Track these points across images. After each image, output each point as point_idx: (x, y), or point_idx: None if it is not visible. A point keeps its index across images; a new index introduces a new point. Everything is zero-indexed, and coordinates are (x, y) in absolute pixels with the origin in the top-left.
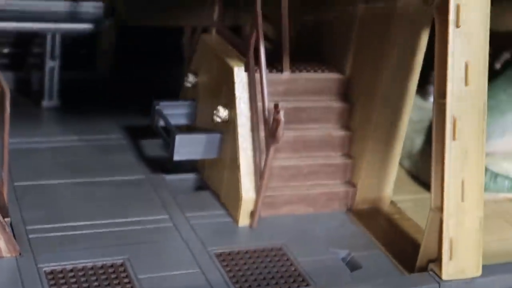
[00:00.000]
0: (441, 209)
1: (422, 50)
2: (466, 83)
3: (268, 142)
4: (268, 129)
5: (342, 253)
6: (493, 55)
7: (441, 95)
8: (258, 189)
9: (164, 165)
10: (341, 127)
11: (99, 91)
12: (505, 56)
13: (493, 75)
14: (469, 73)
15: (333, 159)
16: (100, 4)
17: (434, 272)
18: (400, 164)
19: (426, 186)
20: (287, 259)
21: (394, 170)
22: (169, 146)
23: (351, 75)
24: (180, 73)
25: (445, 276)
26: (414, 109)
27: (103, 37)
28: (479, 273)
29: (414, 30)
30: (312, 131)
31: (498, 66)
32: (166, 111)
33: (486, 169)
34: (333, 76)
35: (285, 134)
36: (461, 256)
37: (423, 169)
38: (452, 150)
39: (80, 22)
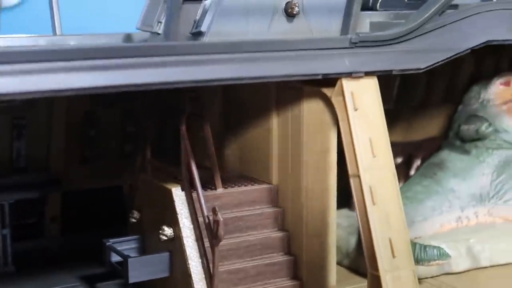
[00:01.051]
0: (376, 268)
1: (334, 148)
2: (374, 155)
3: (213, 244)
4: (210, 232)
5: None
6: (407, 163)
7: (354, 169)
8: None
9: None
10: (278, 230)
11: (51, 255)
12: (416, 163)
13: None
14: (374, 146)
15: (276, 258)
16: (44, 173)
17: None
18: (341, 263)
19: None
20: None
21: (333, 261)
22: (124, 275)
23: (278, 183)
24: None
25: None
26: (343, 218)
27: (49, 204)
28: None
29: (324, 131)
30: (252, 237)
31: (412, 172)
32: (117, 247)
33: (415, 243)
34: (262, 186)
35: (228, 242)
36: None
37: (361, 261)
38: (374, 213)
39: (26, 191)
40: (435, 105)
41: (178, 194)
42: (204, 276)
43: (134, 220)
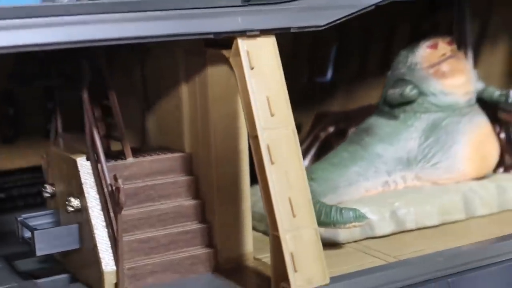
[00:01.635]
0: (276, 228)
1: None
2: (272, 114)
3: (115, 211)
4: (113, 200)
5: None
6: (343, 131)
7: (253, 130)
8: (117, 259)
9: (37, 273)
10: (191, 198)
11: None
12: (351, 131)
13: None
14: (271, 105)
15: (189, 226)
16: None
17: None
18: (266, 232)
19: None
20: None
21: (248, 228)
22: (32, 247)
23: (190, 151)
24: None
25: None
26: None
27: None
28: (327, 281)
29: (230, 95)
30: (165, 205)
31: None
32: (30, 223)
33: (332, 206)
34: (174, 155)
35: (139, 211)
36: (306, 267)
37: None
38: (272, 173)
39: None
40: (373, 73)
41: (83, 164)
42: (110, 245)
43: (47, 195)
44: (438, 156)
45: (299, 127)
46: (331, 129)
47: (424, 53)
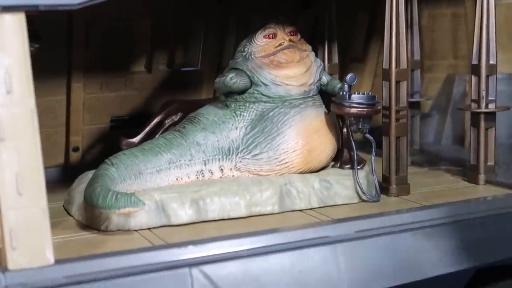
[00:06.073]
0: None
1: None
2: (8, 91)
3: None
4: None
5: None
6: None
7: None
8: None
9: None
10: None
11: None
12: None
13: None
14: (11, 81)
15: None
16: None
17: None
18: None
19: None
20: None
21: None
22: None
23: None
24: None
25: (11, 265)
26: None
27: None
28: (50, 262)
29: None
30: None
31: None
32: None
33: (110, 190)
34: None
35: None
36: (27, 246)
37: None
38: (2, 150)
39: None
40: None
41: None
42: None
43: None
44: (260, 147)
45: None
46: (176, 117)
47: (261, 43)
